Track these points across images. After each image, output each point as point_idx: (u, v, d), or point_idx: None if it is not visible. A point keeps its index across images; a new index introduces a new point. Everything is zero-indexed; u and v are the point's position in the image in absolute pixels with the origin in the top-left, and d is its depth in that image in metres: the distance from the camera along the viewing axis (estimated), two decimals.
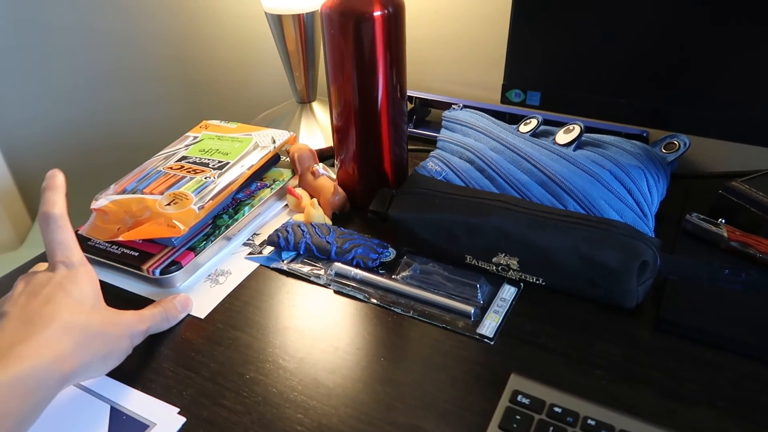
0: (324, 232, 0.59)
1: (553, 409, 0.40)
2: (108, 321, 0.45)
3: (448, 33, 0.82)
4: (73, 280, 0.44)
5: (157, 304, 0.51)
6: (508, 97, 0.58)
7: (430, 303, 0.52)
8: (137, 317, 0.48)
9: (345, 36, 0.56)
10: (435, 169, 0.63)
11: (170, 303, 0.52)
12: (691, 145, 0.61)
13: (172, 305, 0.52)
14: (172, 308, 0.52)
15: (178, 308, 0.52)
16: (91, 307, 0.44)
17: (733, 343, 0.46)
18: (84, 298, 0.44)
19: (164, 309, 0.51)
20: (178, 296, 0.53)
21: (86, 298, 0.44)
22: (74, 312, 0.43)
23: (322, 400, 0.44)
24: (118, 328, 0.45)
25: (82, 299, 0.44)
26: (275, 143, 0.68)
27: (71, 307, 0.43)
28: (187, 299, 0.54)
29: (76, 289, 0.44)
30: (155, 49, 1.13)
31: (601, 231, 0.49)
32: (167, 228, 0.55)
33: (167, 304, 0.52)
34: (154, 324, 0.50)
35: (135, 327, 0.47)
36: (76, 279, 0.44)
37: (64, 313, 0.42)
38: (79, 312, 0.43)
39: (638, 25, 0.52)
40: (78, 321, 0.42)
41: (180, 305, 0.53)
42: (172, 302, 0.52)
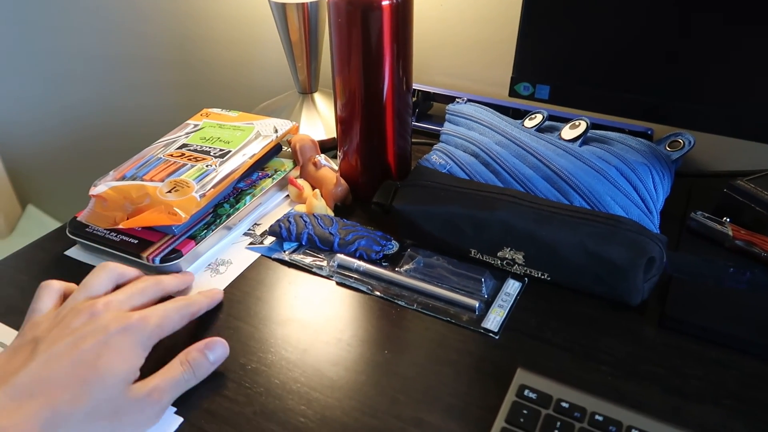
0: (327, 223, 0.59)
1: (561, 404, 0.40)
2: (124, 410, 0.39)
3: (453, 26, 0.82)
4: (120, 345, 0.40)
5: (183, 363, 0.43)
6: (517, 90, 0.58)
7: (434, 296, 0.52)
8: (153, 399, 0.40)
9: (352, 25, 0.56)
10: (439, 162, 0.62)
11: (197, 355, 0.43)
12: (695, 143, 0.61)
13: (200, 358, 0.43)
14: (200, 362, 0.43)
15: (209, 359, 0.44)
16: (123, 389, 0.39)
17: (737, 341, 0.46)
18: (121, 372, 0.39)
19: (191, 367, 0.43)
20: (207, 343, 0.44)
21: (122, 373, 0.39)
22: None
23: (325, 392, 0.44)
24: (123, 416, 0.39)
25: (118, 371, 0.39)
26: (277, 133, 0.67)
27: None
28: (216, 343, 0.45)
29: (117, 358, 0.39)
30: (155, 36, 1.12)
31: (608, 227, 0.49)
32: (168, 216, 0.54)
33: (194, 359, 0.43)
34: (176, 394, 0.42)
35: (148, 411, 0.40)
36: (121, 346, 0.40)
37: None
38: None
39: (649, 19, 0.51)
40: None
41: (211, 353, 0.44)
42: (200, 353, 0.43)
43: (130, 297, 0.44)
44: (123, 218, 0.55)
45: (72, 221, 0.58)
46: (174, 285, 0.50)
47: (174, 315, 0.45)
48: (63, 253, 0.59)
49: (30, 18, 1.25)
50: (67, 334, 0.40)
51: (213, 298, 0.51)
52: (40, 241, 0.61)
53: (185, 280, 0.52)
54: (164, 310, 0.44)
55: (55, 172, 1.51)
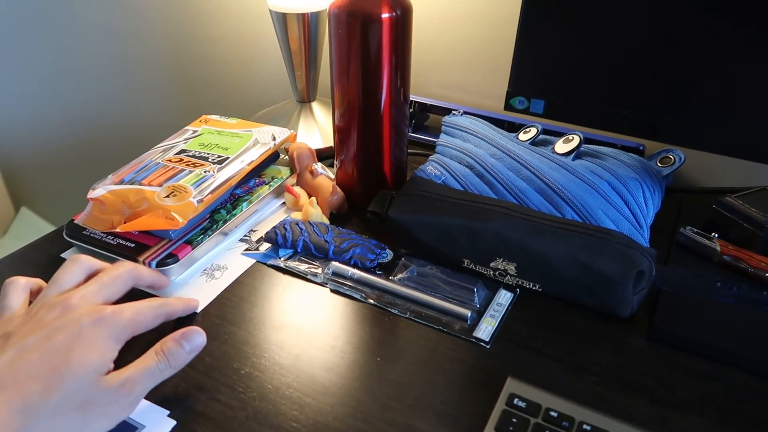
0: (322, 230, 0.59)
1: (549, 413, 0.41)
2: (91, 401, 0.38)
3: (451, 39, 0.83)
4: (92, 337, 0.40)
5: (157, 352, 0.42)
6: (512, 104, 0.59)
7: (427, 305, 0.52)
8: (125, 389, 0.40)
9: (352, 36, 0.57)
10: (434, 173, 0.63)
11: (172, 345, 0.43)
12: (686, 159, 0.62)
13: (175, 347, 0.43)
14: (175, 352, 0.43)
15: (185, 349, 0.43)
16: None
17: (724, 354, 0.47)
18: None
19: (165, 357, 0.42)
20: (183, 332, 0.44)
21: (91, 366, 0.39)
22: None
23: (317, 398, 0.44)
24: (96, 408, 0.39)
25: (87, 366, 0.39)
26: (275, 140, 0.68)
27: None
28: (192, 332, 0.44)
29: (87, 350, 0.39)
30: (155, 42, 1.13)
31: (599, 240, 0.50)
32: (165, 220, 0.54)
33: (169, 349, 0.43)
34: (150, 385, 0.42)
35: (121, 402, 0.40)
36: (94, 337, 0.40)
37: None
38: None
39: (644, 37, 0.52)
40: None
41: (187, 343, 0.43)
42: (176, 343, 0.43)
43: (104, 286, 0.44)
44: (120, 222, 0.56)
45: (69, 224, 0.59)
46: (147, 274, 0.49)
47: (148, 312, 0.44)
48: (59, 255, 0.59)
49: (26, 17, 1.25)
50: (39, 328, 0.39)
51: (189, 304, 0.50)
52: (37, 243, 0.61)
53: (159, 277, 0.51)
54: (139, 306, 0.44)
55: (49, 175, 1.51)
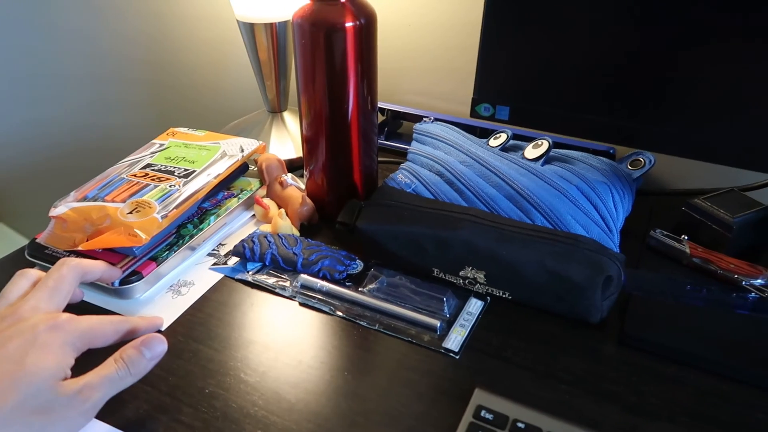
0: (291, 243, 0.58)
1: (516, 424, 0.40)
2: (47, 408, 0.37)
3: (421, 46, 0.83)
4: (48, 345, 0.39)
5: (116, 359, 0.41)
6: (478, 111, 0.58)
7: (396, 316, 0.52)
8: (82, 396, 0.39)
9: (316, 46, 0.56)
10: (404, 181, 0.63)
11: (132, 352, 0.42)
12: (656, 162, 0.62)
13: (135, 355, 0.42)
14: (135, 359, 0.42)
15: (145, 356, 0.42)
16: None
17: (694, 358, 0.47)
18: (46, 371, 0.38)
19: (125, 365, 0.41)
20: (143, 340, 0.43)
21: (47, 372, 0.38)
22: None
23: (283, 415, 0.43)
24: (53, 413, 0.38)
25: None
26: (243, 152, 0.67)
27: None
28: (153, 339, 0.43)
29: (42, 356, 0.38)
30: (125, 52, 1.12)
31: (567, 246, 0.50)
32: (128, 237, 0.53)
33: (129, 356, 0.41)
34: (109, 393, 0.40)
35: (78, 408, 0.39)
36: (49, 345, 0.39)
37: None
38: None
39: (606, 43, 0.52)
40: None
41: (147, 350, 0.42)
42: (136, 350, 0.42)
43: (52, 291, 0.43)
44: (83, 240, 0.54)
45: (31, 243, 0.58)
46: (92, 266, 0.48)
47: (107, 326, 0.43)
48: None
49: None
50: None
51: (152, 323, 0.48)
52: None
53: (107, 268, 0.50)
54: (98, 318, 0.43)
55: (24, 190, 1.49)
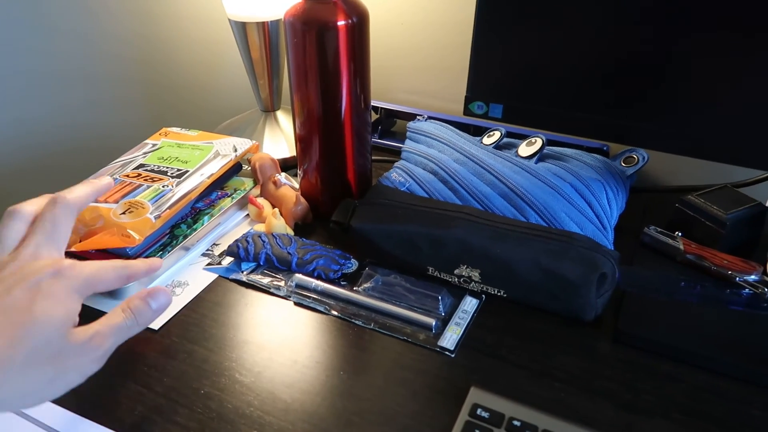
0: (285, 242, 0.58)
1: (513, 422, 0.40)
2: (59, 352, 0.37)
3: (414, 44, 0.82)
4: (55, 290, 0.38)
5: (124, 309, 0.41)
6: (471, 109, 0.58)
7: (392, 315, 0.51)
8: (94, 344, 0.39)
9: (308, 45, 0.56)
10: (399, 180, 0.62)
11: (139, 303, 0.42)
12: (649, 159, 0.62)
13: (141, 306, 0.42)
14: (142, 310, 0.42)
15: (152, 307, 0.42)
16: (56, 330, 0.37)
17: (689, 355, 0.47)
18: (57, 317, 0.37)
19: (132, 314, 0.41)
20: (149, 291, 0.43)
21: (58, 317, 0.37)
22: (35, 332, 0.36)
23: (278, 416, 0.43)
24: (66, 360, 0.37)
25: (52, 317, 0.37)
26: (237, 152, 0.66)
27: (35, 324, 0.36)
28: (158, 291, 0.43)
29: (52, 302, 0.37)
30: (117, 52, 1.11)
31: (561, 243, 0.50)
32: (121, 238, 0.53)
33: (136, 307, 0.42)
34: (118, 341, 0.41)
35: (90, 355, 0.39)
36: (55, 290, 0.38)
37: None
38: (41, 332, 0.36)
39: (599, 41, 0.52)
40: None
41: (153, 301, 0.42)
42: (143, 301, 0.42)
43: (50, 233, 0.41)
44: (76, 241, 0.54)
45: None
46: (82, 193, 0.45)
47: (109, 270, 0.42)
48: None
49: None
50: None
51: (151, 266, 0.47)
52: None
53: (95, 186, 0.48)
54: (99, 263, 0.42)
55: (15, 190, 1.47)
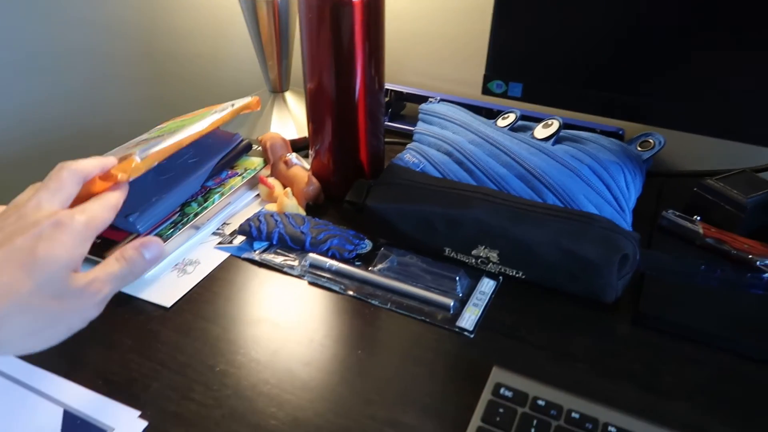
0: (298, 222, 0.57)
1: (537, 402, 0.39)
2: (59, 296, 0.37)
3: (425, 26, 0.81)
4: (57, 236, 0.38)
5: (118, 258, 0.41)
6: (490, 88, 0.57)
7: (409, 295, 0.51)
8: (93, 288, 0.39)
9: (323, 21, 0.55)
10: (412, 161, 0.62)
11: (132, 252, 0.42)
12: (665, 143, 0.62)
13: (135, 255, 0.42)
14: (135, 259, 0.42)
15: (145, 256, 0.42)
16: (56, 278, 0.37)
17: (710, 337, 0.46)
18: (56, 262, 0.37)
19: (126, 263, 0.41)
20: (142, 241, 0.43)
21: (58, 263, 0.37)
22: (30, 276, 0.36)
23: (296, 393, 0.43)
24: (67, 302, 0.38)
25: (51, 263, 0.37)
26: (234, 107, 0.64)
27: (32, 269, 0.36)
28: (151, 241, 0.43)
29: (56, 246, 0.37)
30: (125, 35, 1.09)
31: (582, 224, 0.49)
32: (104, 180, 0.49)
33: (129, 256, 0.42)
34: (116, 288, 0.41)
35: (90, 299, 0.39)
36: (58, 236, 0.38)
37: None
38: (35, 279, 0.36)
39: (622, 17, 0.51)
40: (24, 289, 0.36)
41: (146, 251, 0.43)
42: (136, 250, 0.42)
43: (54, 191, 0.41)
44: None
45: None
46: (91, 164, 0.45)
47: (104, 211, 0.42)
48: None
49: None
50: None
51: (123, 188, 0.46)
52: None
53: (103, 161, 0.47)
54: (90, 206, 0.42)
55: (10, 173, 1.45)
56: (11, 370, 0.44)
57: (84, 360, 0.45)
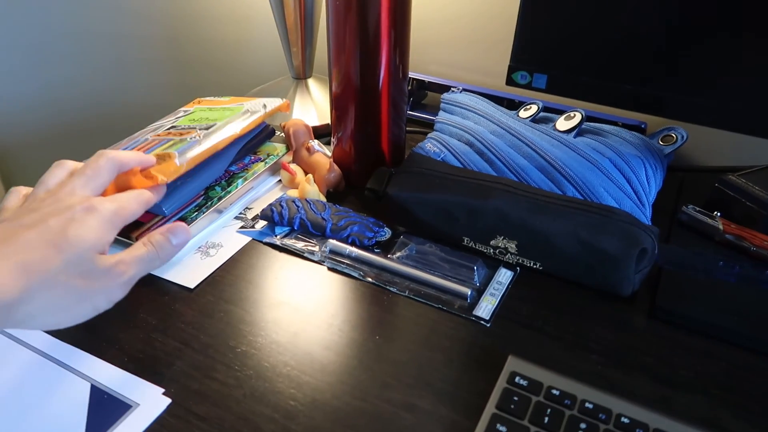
0: (319, 208, 0.58)
1: (551, 391, 0.40)
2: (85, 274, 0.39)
3: (449, 15, 0.81)
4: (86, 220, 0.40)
5: (145, 243, 0.43)
6: (514, 79, 0.57)
7: (427, 283, 0.51)
8: (119, 270, 0.41)
9: (349, 8, 0.55)
10: (433, 150, 0.62)
11: (160, 238, 0.44)
12: (688, 138, 0.61)
13: (162, 240, 0.44)
14: (162, 244, 0.44)
15: (172, 242, 0.44)
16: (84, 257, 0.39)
17: (726, 332, 0.46)
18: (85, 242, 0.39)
19: (154, 248, 0.43)
20: (169, 227, 0.45)
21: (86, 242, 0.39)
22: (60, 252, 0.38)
23: (315, 376, 0.44)
24: (94, 281, 0.39)
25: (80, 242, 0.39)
26: (266, 108, 0.65)
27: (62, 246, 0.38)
28: (178, 227, 0.45)
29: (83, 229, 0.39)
30: (150, 21, 1.10)
31: (601, 217, 0.49)
32: (145, 180, 0.51)
33: (157, 241, 0.44)
34: (141, 271, 0.43)
35: (116, 280, 0.41)
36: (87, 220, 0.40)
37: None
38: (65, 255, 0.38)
39: (649, 10, 0.51)
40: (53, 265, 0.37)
41: (173, 237, 0.44)
42: (163, 236, 0.44)
43: (89, 178, 0.43)
44: None
45: None
46: (130, 157, 0.47)
47: (134, 204, 0.44)
48: None
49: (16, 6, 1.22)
50: (32, 211, 0.40)
51: (159, 191, 0.49)
52: None
53: (142, 156, 0.49)
54: (120, 196, 0.44)
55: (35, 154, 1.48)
56: (44, 346, 0.46)
57: (111, 338, 0.46)
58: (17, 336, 0.47)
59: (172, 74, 1.15)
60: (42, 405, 0.41)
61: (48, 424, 0.40)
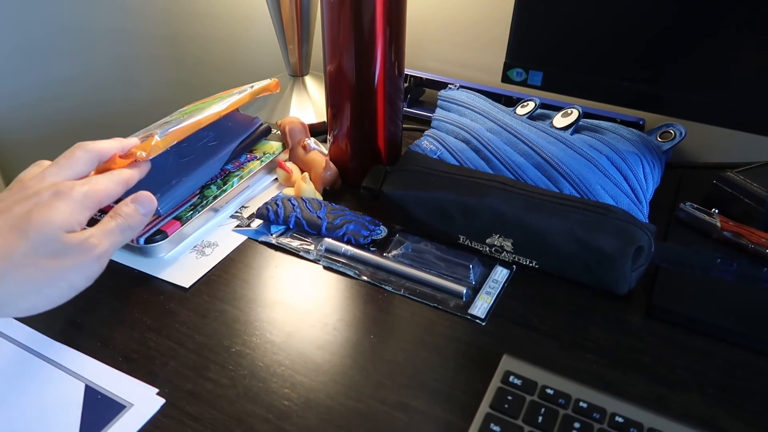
0: (315, 207, 0.58)
1: (545, 390, 0.40)
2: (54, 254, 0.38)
3: (446, 11, 0.81)
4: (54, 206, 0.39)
5: (113, 216, 0.43)
6: (510, 76, 0.57)
7: (422, 282, 0.51)
8: (90, 243, 0.40)
9: (344, 5, 0.55)
10: (430, 148, 0.62)
11: (127, 208, 0.44)
12: (686, 134, 0.61)
13: (129, 210, 0.44)
14: (130, 214, 0.44)
15: (140, 212, 0.44)
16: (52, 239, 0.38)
17: (722, 331, 0.46)
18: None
19: (123, 218, 0.43)
20: (133, 197, 0.45)
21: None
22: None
23: (309, 375, 0.44)
24: (65, 259, 0.39)
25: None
26: (253, 87, 0.65)
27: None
28: (143, 196, 0.45)
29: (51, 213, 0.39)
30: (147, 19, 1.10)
31: (597, 215, 0.49)
32: (124, 158, 0.50)
33: (125, 212, 0.43)
34: (115, 243, 0.42)
35: (88, 254, 0.40)
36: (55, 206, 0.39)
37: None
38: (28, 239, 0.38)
39: (647, 7, 0.51)
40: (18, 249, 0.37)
41: (141, 207, 0.44)
42: (130, 207, 0.44)
43: (62, 167, 0.43)
44: None
45: None
46: (108, 145, 0.46)
47: (108, 183, 0.43)
48: None
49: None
50: (0, 202, 0.39)
51: (142, 170, 0.48)
52: None
53: (122, 143, 0.48)
54: (95, 178, 0.43)
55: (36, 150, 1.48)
56: (38, 347, 0.46)
57: (105, 338, 0.46)
58: (8, 334, 0.47)
59: (171, 71, 1.15)
60: (36, 405, 0.41)
61: (42, 424, 0.40)
